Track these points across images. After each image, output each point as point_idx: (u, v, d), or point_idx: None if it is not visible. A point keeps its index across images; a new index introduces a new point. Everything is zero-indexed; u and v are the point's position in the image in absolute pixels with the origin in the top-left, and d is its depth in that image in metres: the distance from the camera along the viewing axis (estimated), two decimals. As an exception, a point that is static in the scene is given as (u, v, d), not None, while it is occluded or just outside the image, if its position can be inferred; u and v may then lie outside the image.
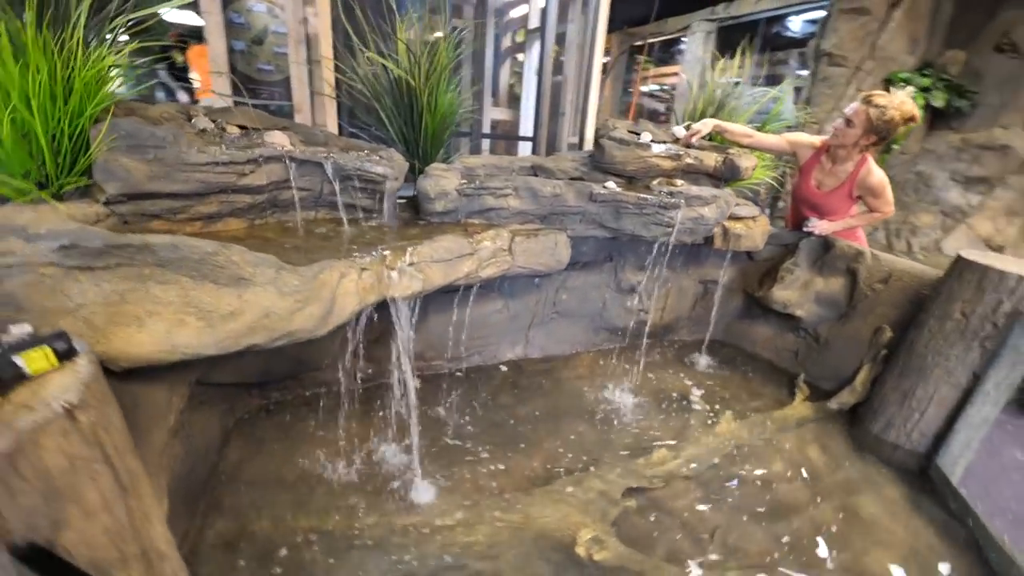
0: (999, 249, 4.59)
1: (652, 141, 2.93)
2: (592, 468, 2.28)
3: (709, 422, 2.71)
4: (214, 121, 2.08)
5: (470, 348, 2.93)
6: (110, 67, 1.56)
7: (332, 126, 3.02)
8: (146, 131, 1.61)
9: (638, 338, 3.49)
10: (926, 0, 4.27)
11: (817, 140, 3.00)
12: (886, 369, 2.67)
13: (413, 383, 2.10)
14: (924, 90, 4.37)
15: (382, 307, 1.96)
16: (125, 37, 1.72)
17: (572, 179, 2.65)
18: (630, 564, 1.84)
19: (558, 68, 4.04)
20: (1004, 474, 2.68)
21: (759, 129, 3.27)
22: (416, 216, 2.42)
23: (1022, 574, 1.84)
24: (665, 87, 7.75)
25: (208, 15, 2.95)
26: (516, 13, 4.57)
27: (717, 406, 2.86)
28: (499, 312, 2.88)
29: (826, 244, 3.12)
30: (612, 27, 6.97)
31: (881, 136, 2.64)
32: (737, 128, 2.94)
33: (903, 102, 2.57)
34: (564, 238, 2.47)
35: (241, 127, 2.12)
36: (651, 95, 7.73)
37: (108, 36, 1.60)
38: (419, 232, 2.23)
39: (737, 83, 3.36)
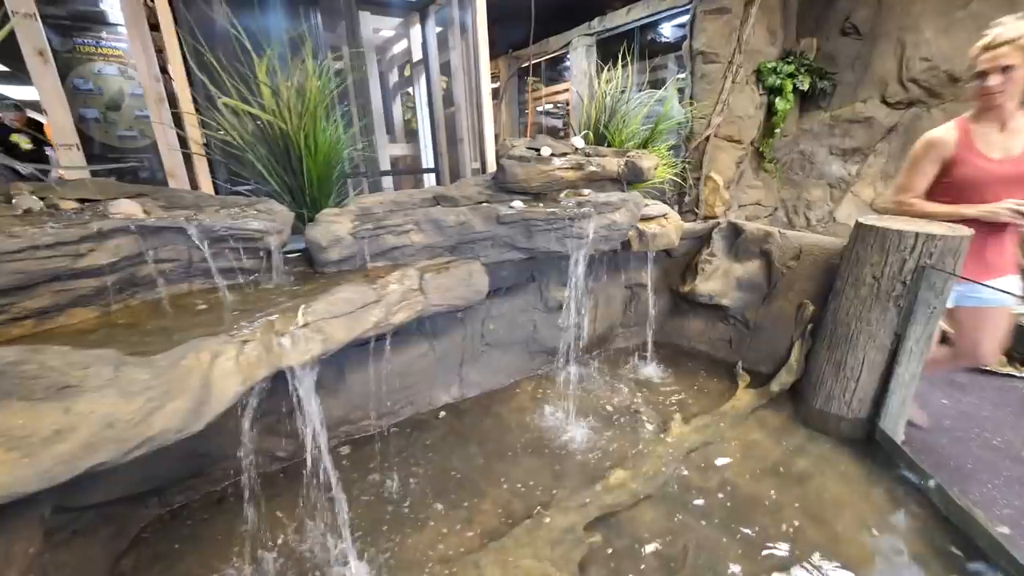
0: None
1: (552, 155, 2.88)
2: (547, 508, 2.10)
3: (661, 432, 2.62)
4: (42, 199, 1.76)
5: (400, 400, 2.68)
6: None
7: (206, 186, 2.72)
8: (-73, 222, 1.29)
9: (578, 354, 3.41)
10: (776, -4, 4.67)
11: (950, 124, 2.41)
12: (817, 342, 2.72)
13: (328, 457, 1.83)
14: (790, 75, 4.73)
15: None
16: None
17: (478, 204, 2.52)
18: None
19: (450, 97, 3.98)
20: (938, 423, 2.78)
21: (652, 131, 3.34)
22: (312, 269, 2.18)
23: (973, 521, 1.86)
24: (559, 104, 7.95)
25: (42, 84, 2.59)
26: (398, 48, 4.51)
27: (667, 412, 2.79)
28: (424, 356, 2.66)
29: (736, 230, 3.20)
30: (497, 52, 7.10)
31: None
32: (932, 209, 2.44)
33: None
34: (478, 267, 2.32)
35: (82, 200, 1.81)
36: (548, 113, 7.91)
37: None
38: (316, 287, 1.99)
39: (623, 91, 3.43)
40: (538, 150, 2.89)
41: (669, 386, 3.07)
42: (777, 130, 4.85)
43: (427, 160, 4.39)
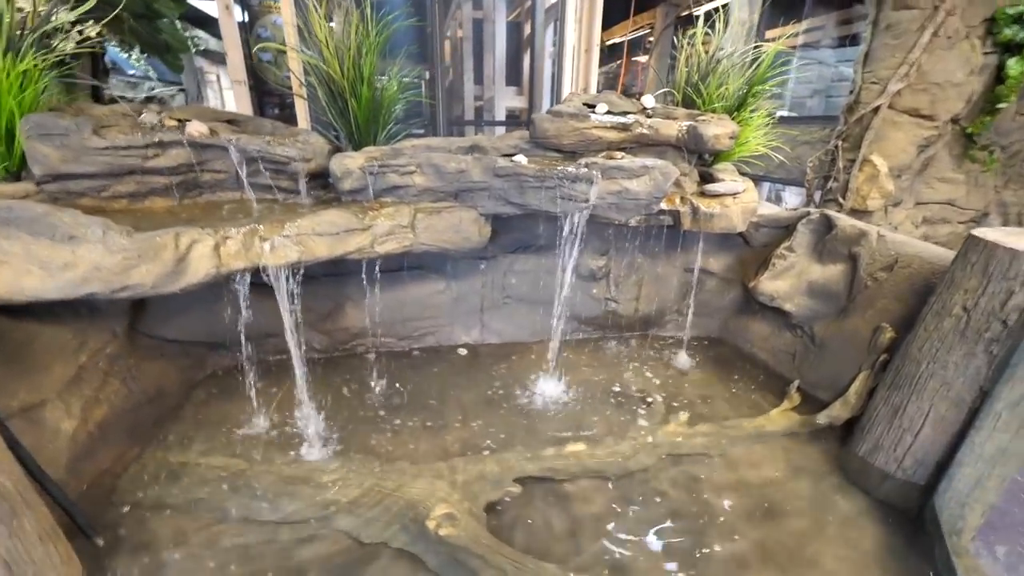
0: None
1: (609, 112, 2.69)
2: (493, 452, 2.19)
3: (655, 426, 2.41)
4: (159, 116, 2.42)
5: (420, 328, 2.96)
6: (25, 72, 1.94)
7: (303, 121, 3.28)
8: (51, 122, 1.95)
9: (615, 330, 3.22)
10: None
11: None
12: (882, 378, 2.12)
13: (298, 352, 2.20)
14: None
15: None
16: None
17: (504, 155, 2.55)
18: (473, 546, 1.75)
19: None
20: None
21: (746, 94, 2.78)
22: (336, 196, 2.53)
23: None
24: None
25: (225, 32, 3.41)
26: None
27: (678, 409, 2.52)
28: (441, 293, 2.87)
29: (828, 224, 2.57)
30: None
31: None
32: None
33: None
34: (472, 215, 2.38)
35: (180, 120, 2.43)
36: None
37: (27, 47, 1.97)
38: (323, 208, 2.33)
39: (756, 47, 2.91)
40: (594, 107, 2.73)
41: (702, 387, 2.74)
42: (1003, 104, 3.47)
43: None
